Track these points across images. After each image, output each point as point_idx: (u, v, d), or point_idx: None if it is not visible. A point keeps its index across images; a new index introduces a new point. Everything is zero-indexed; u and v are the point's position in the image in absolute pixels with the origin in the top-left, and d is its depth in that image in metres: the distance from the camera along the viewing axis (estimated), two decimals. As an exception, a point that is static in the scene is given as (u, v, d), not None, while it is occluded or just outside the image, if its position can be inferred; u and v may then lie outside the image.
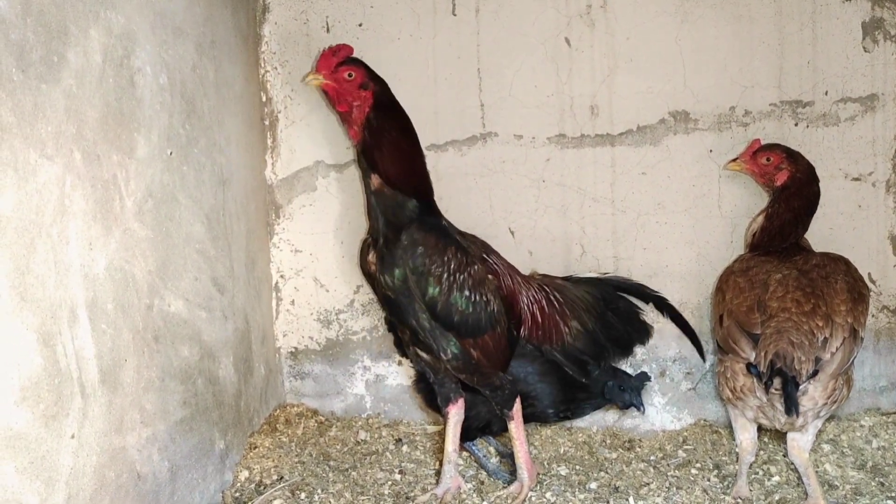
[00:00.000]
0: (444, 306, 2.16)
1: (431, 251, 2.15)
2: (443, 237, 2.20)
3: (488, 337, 2.23)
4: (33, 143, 1.51)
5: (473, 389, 2.35)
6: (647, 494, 2.26)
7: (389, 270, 2.17)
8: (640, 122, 2.70)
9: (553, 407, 2.49)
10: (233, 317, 2.42)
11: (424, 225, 2.19)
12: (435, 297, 2.15)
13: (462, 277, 2.17)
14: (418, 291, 2.15)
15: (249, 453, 2.46)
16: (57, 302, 1.56)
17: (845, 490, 2.27)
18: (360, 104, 2.18)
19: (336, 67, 2.18)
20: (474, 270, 2.21)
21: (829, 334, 2.10)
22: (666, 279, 2.65)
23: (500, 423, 2.46)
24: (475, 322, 2.20)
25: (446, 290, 2.15)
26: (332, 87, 2.19)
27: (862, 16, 2.63)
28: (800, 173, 2.46)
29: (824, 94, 2.66)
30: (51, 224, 1.55)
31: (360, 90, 2.18)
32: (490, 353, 2.25)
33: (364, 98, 2.17)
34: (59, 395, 1.55)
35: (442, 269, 2.15)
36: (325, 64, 2.19)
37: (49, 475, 1.52)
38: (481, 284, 2.21)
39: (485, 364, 2.24)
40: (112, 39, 1.79)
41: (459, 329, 2.19)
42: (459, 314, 2.17)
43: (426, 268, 2.14)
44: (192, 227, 2.16)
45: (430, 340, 2.20)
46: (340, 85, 2.18)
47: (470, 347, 2.21)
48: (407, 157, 2.23)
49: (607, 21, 2.68)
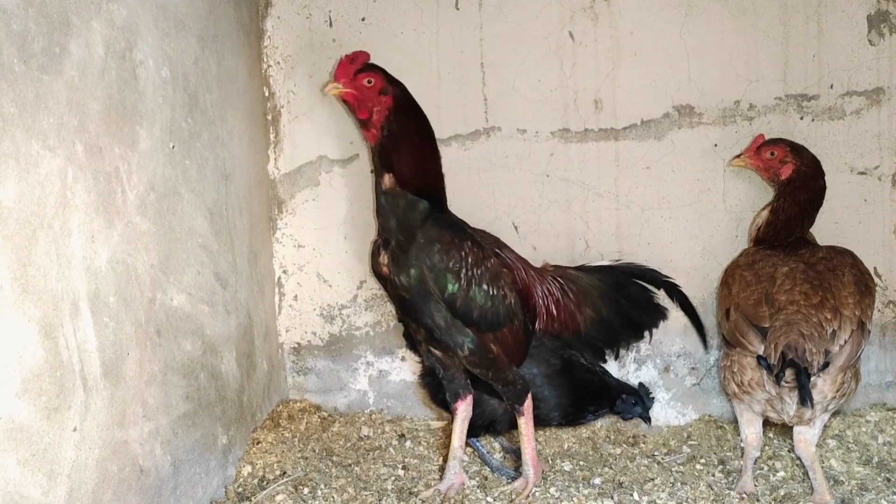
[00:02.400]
0: (464, 302, 2.15)
1: (448, 247, 2.14)
2: (458, 233, 2.20)
3: (507, 331, 2.23)
4: (35, 134, 1.50)
5: (481, 387, 2.35)
6: (651, 490, 2.25)
7: (405, 271, 2.15)
8: (644, 116, 2.69)
9: (558, 410, 2.49)
10: (235, 312, 2.41)
11: (439, 222, 2.18)
12: (454, 294, 2.14)
13: (480, 272, 2.17)
14: (437, 289, 2.14)
15: (252, 448, 2.45)
16: (59, 294, 1.55)
17: (851, 485, 2.26)
18: (379, 109, 2.16)
19: (355, 75, 2.17)
20: (490, 264, 2.21)
21: (837, 327, 2.09)
22: (670, 274, 2.62)
23: (505, 423, 2.46)
24: (494, 316, 2.19)
25: (465, 286, 2.15)
26: (353, 94, 2.18)
27: (867, 9, 2.61)
28: (805, 167, 2.44)
29: (829, 88, 2.64)
30: (53, 216, 1.54)
31: (381, 96, 2.17)
32: (508, 347, 2.25)
33: (384, 103, 2.16)
34: (62, 388, 1.55)
35: (460, 264, 2.14)
36: (344, 72, 2.18)
37: (51, 468, 1.51)
38: (498, 278, 2.21)
39: (502, 358, 2.24)
40: (114, 31, 1.78)
41: (479, 324, 2.18)
42: (479, 309, 2.17)
43: (444, 264, 2.13)
44: (194, 221, 2.15)
45: (447, 338, 2.19)
46: (361, 92, 2.17)
47: (490, 342, 2.21)
48: (423, 159, 2.22)
49: (611, 15, 2.66)
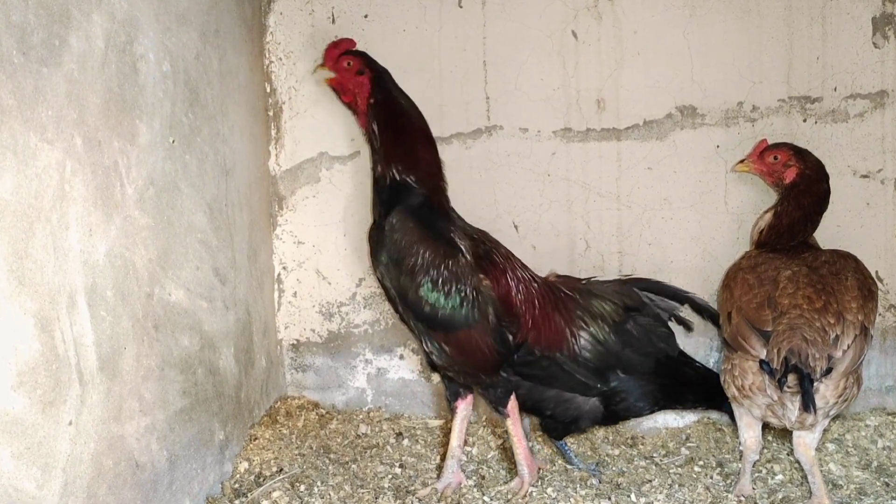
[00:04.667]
0: (415, 296, 2.15)
1: (408, 238, 2.14)
2: (424, 226, 2.18)
3: (462, 334, 2.17)
4: (33, 126, 1.49)
5: (559, 384, 2.29)
6: (649, 491, 2.24)
7: (377, 255, 2.22)
8: (646, 116, 2.68)
9: (644, 399, 2.38)
10: (234, 307, 2.41)
11: (407, 210, 2.18)
12: (405, 286, 2.14)
13: (436, 270, 2.14)
14: (393, 277, 2.16)
15: (249, 445, 2.45)
16: (56, 287, 1.55)
17: (850, 490, 2.25)
18: (359, 91, 2.26)
19: (338, 59, 2.30)
20: (452, 264, 2.16)
21: (840, 332, 2.07)
22: (671, 275, 2.62)
23: (588, 420, 2.40)
24: (446, 318, 2.15)
25: (416, 280, 2.14)
26: (336, 78, 2.30)
27: (872, 11, 2.60)
28: (809, 170, 2.43)
29: (833, 91, 2.63)
30: (50, 209, 1.54)
31: (357, 76, 2.27)
32: (465, 352, 2.19)
33: (362, 84, 2.24)
34: (57, 382, 1.54)
35: (415, 258, 2.14)
36: (329, 56, 2.33)
37: (46, 461, 1.51)
38: (459, 280, 2.16)
39: (459, 361, 2.21)
40: (115, 25, 1.77)
41: (429, 322, 2.16)
42: (430, 307, 2.14)
43: (399, 255, 2.13)
44: (193, 217, 2.15)
45: (416, 331, 2.20)
46: (341, 74, 2.29)
47: (441, 342, 2.18)
48: (408, 141, 2.23)
49: (615, 14, 2.66)
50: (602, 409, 2.38)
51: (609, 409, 2.39)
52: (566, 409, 2.36)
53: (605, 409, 2.38)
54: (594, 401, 2.36)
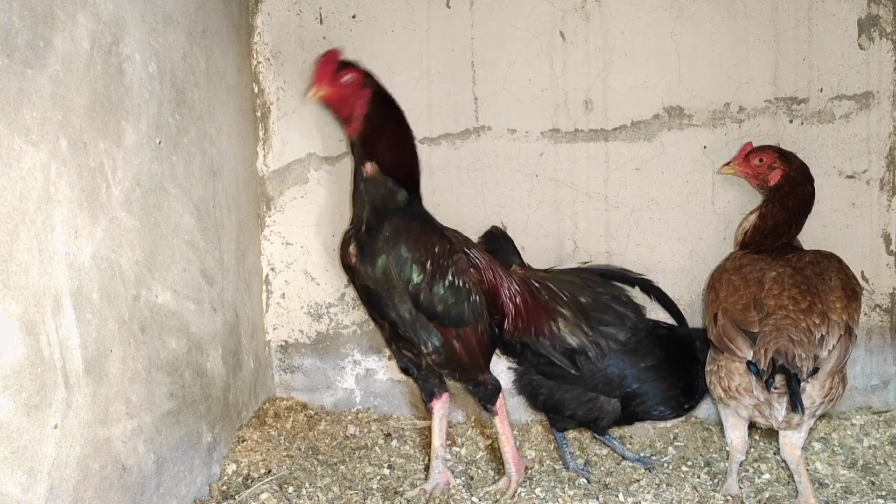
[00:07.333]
0: (427, 295, 2.15)
1: (416, 238, 2.14)
2: (427, 225, 2.20)
3: (470, 329, 2.21)
4: (17, 128, 1.48)
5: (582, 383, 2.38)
6: (636, 491, 2.25)
7: (371, 260, 2.16)
8: (634, 117, 2.69)
9: (664, 404, 2.44)
10: (222, 309, 2.40)
11: (410, 212, 2.19)
12: (419, 285, 2.14)
13: (446, 265, 2.16)
14: (401, 280, 2.14)
15: (237, 446, 2.44)
16: (41, 290, 1.54)
17: (836, 488, 2.26)
18: (362, 102, 2.17)
19: (335, 75, 2.16)
20: (457, 259, 2.20)
21: (826, 332, 2.08)
22: (658, 275, 2.63)
23: (609, 419, 2.45)
24: (458, 313, 2.18)
25: (429, 278, 2.14)
26: (336, 94, 2.16)
27: (858, 13, 2.62)
28: (793, 172, 2.45)
29: (819, 91, 2.65)
30: (35, 211, 1.53)
31: (362, 89, 2.17)
32: (471, 347, 2.23)
33: (365, 95, 2.17)
34: (42, 385, 1.53)
35: (426, 256, 2.14)
36: (325, 73, 2.16)
37: (31, 465, 1.50)
38: (464, 274, 2.20)
39: (465, 359, 2.23)
40: (100, 26, 1.76)
41: (442, 319, 2.17)
42: (443, 303, 2.16)
43: (409, 255, 2.13)
44: (180, 218, 2.14)
45: (411, 334, 2.19)
46: (343, 90, 2.16)
47: (452, 339, 2.20)
48: (403, 145, 2.24)
49: (602, 15, 2.66)
50: (620, 410, 2.44)
51: (628, 411, 2.44)
52: (589, 410, 2.43)
53: (622, 411, 2.45)
54: (615, 401, 2.42)
